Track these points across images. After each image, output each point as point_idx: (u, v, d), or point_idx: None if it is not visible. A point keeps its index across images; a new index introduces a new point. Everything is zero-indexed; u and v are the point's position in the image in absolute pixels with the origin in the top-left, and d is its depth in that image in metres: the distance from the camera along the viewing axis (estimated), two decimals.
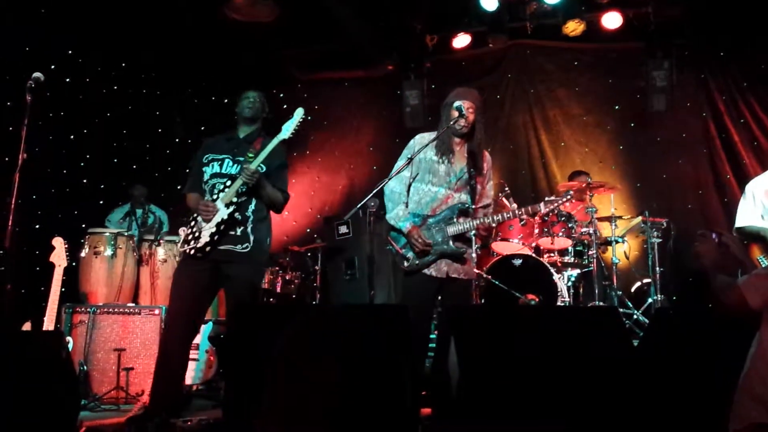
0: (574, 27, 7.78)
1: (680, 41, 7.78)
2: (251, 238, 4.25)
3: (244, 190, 4.19)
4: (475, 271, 4.46)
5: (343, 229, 7.23)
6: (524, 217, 4.36)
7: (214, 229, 4.13)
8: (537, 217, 6.59)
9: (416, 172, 4.32)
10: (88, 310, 5.22)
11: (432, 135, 4.33)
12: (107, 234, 5.69)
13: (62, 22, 6.34)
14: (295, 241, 8.11)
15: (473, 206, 4.32)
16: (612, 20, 7.73)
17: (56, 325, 4.73)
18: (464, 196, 4.30)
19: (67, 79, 6.57)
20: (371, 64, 8.67)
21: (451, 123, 4.21)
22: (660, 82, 7.68)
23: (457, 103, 4.23)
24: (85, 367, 5.02)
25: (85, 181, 6.81)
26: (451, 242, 4.18)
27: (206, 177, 4.34)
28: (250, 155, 4.24)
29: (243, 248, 4.22)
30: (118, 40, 6.93)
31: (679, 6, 7.42)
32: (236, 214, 4.17)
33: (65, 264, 4.78)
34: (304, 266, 7.48)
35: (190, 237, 4.22)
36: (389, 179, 4.20)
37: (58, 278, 4.71)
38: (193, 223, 4.26)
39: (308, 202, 9.10)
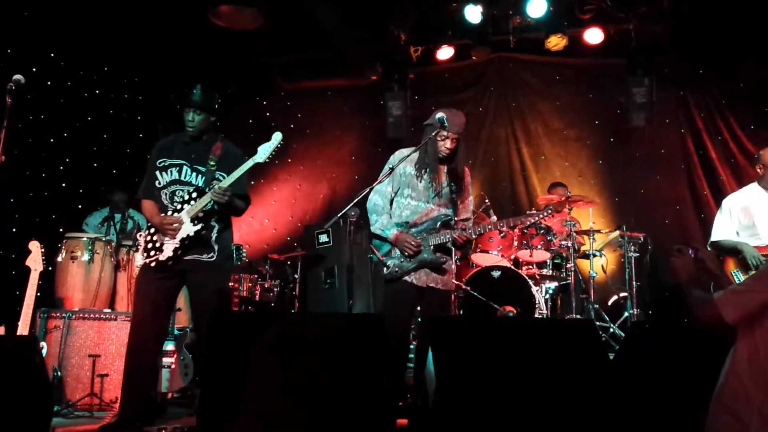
0: (556, 42, 7.85)
1: (661, 58, 7.88)
2: (215, 247, 4.22)
3: (210, 207, 4.12)
4: (455, 282, 4.49)
5: (324, 238, 7.21)
6: (504, 229, 4.37)
7: (178, 245, 4.07)
8: (517, 230, 6.63)
9: (397, 186, 4.37)
10: (64, 315, 5.17)
11: (412, 149, 4.38)
12: (85, 239, 5.64)
13: (44, 24, 6.29)
14: (275, 249, 8.09)
15: (455, 218, 4.38)
16: (594, 36, 7.81)
17: (31, 329, 4.67)
18: (447, 210, 4.35)
19: (48, 82, 6.52)
20: (355, 74, 8.68)
21: (433, 134, 4.24)
22: (640, 98, 7.76)
23: (439, 115, 4.26)
24: (59, 373, 4.96)
25: (63, 185, 6.75)
26: (431, 251, 4.22)
27: (163, 183, 4.24)
28: (212, 163, 4.18)
29: (209, 257, 4.19)
30: (100, 44, 6.89)
31: (661, 24, 7.51)
32: (203, 231, 4.13)
33: (41, 268, 4.72)
34: (284, 274, 7.45)
35: (150, 247, 4.14)
36: (370, 190, 4.22)
37: (33, 282, 4.64)
38: (153, 230, 4.19)
39: (289, 210, 9.08)
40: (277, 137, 4.15)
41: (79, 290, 5.52)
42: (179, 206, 4.14)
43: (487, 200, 6.96)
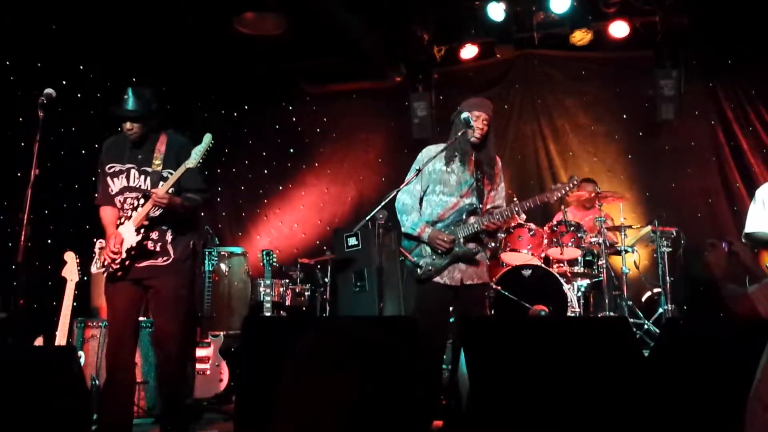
0: (581, 36, 7.78)
1: (688, 50, 7.76)
2: (170, 250, 4.12)
3: (157, 213, 4.05)
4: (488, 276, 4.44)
5: (353, 241, 7.23)
6: (529, 205, 4.19)
7: (125, 256, 4.01)
8: (546, 227, 6.60)
9: (426, 185, 4.32)
10: (100, 324, 5.25)
11: (439, 146, 4.34)
12: None
13: (73, 37, 6.39)
14: (305, 254, 8.12)
15: (481, 206, 4.31)
16: (619, 29, 7.71)
17: (68, 339, 4.74)
18: (472, 200, 4.29)
19: (78, 95, 6.62)
20: (379, 76, 8.69)
21: (459, 134, 4.21)
22: (668, 90, 7.65)
23: (464, 115, 4.23)
24: (96, 382, 5.02)
25: (96, 195, 6.85)
26: (462, 243, 4.18)
27: (116, 190, 4.17)
28: (157, 162, 4.09)
29: (164, 261, 4.11)
30: (128, 55, 6.98)
31: (687, 14, 7.40)
32: (149, 238, 4.05)
33: (77, 278, 4.80)
34: (314, 279, 7.49)
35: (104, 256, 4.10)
36: (398, 191, 4.21)
37: (70, 293, 4.72)
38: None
39: (317, 214, 9.13)
40: (206, 139, 4.00)
41: None
42: (130, 213, 4.07)
43: (515, 198, 6.92)
